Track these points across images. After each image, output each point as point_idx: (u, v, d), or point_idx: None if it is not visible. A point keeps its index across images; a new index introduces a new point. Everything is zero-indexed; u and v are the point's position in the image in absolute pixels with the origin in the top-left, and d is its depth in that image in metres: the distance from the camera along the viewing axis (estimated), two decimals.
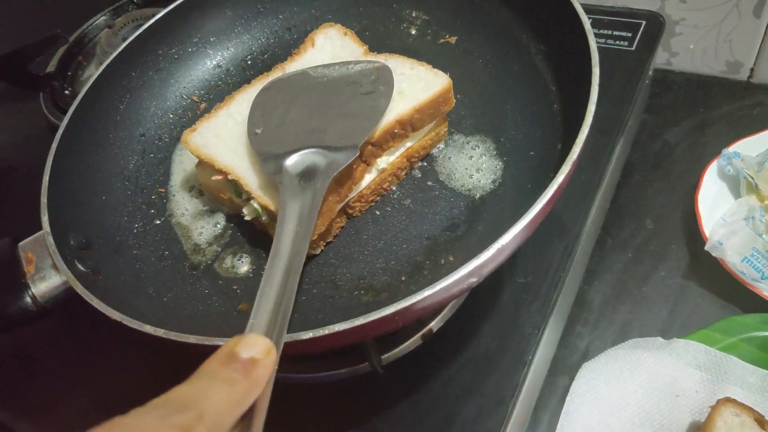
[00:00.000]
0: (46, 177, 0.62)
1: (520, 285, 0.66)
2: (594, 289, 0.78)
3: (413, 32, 0.77)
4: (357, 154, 0.54)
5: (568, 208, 0.71)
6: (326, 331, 0.43)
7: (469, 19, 0.74)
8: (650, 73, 0.86)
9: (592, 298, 0.77)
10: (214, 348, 0.36)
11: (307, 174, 0.53)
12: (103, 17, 1.16)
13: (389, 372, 0.64)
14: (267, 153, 0.56)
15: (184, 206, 0.69)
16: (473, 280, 0.46)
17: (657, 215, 0.83)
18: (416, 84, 0.60)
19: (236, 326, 0.56)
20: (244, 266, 0.62)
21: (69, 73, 1.10)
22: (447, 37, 0.75)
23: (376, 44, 0.71)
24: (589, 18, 0.57)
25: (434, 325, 0.64)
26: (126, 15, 1.14)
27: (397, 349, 0.64)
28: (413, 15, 0.78)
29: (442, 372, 0.63)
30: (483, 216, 0.59)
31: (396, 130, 0.58)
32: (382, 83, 0.59)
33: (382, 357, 0.63)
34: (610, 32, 0.87)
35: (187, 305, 0.60)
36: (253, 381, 0.33)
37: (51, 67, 1.10)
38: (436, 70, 0.62)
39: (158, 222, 0.68)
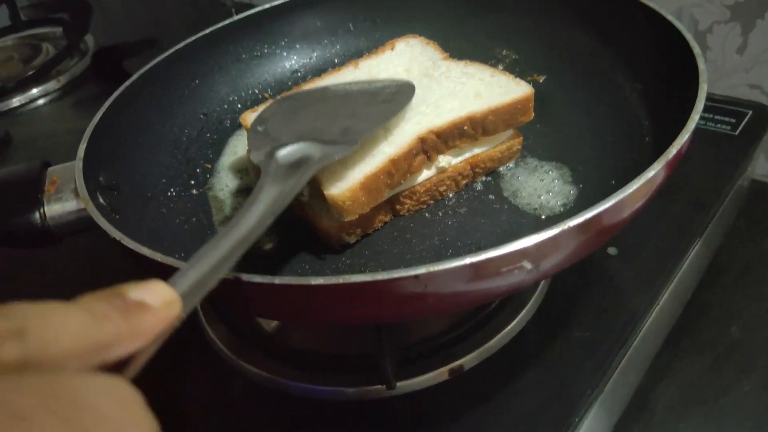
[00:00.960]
0: (100, 113, 0.60)
1: (577, 339, 0.57)
2: (659, 390, 0.67)
3: (501, 68, 0.74)
4: (355, 147, 0.47)
5: (635, 287, 0.62)
6: (337, 281, 0.36)
7: (559, 59, 0.70)
8: (750, 173, 0.79)
9: (655, 399, 0.66)
10: None
11: (297, 164, 0.46)
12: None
13: (404, 402, 0.54)
14: (260, 145, 0.50)
15: (225, 182, 0.65)
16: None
17: (745, 324, 0.72)
18: (495, 89, 0.56)
19: None
20: (267, 244, 0.56)
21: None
22: (535, 75, 0.71)
23: None
24: None
25: (467, 361, 0.55)
26: None
27: (417, 379, 0.55)
28: (503, 53, 0.75)
29: (465, 419, 0.53)
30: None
31: (465, 127, 0.53)
32: (400, 94, 0.55)
33: (399, 384, 0.54)
34: (711, 116, 0.81)
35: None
36: (131, 326, 0.25)
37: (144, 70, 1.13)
38: (518, 79, 0.57)
39: (195, 192, 0.64)
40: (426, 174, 0.54)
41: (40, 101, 1.18)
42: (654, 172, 0.41)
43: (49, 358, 0.21)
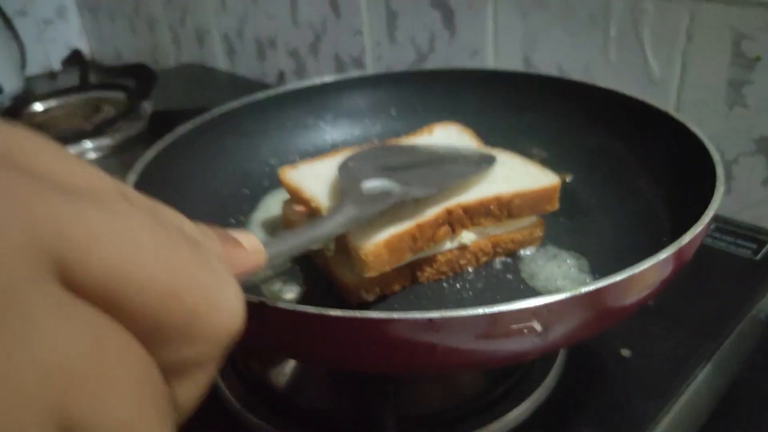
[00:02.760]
0: (148, 156, 0.65)
1: None
2: None
3: None
4: (435, 192, 0.53)
5: (643, 394, 0.61)
6: (354, 314, 0.37)
7: (588, 161, 0.74)
8: None
9: None
10: None
11: (379, 196, 0.52)
12: None
13: None
14: (348, 176, 0.56)
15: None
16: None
17: None
18: (524, 176, 0.59)
19: None
20: (290, 293, 0.58)
21: None
22: (563, 174, 0.74)
23: None
24: (714, 224, 0.56)
25: None
26: None
27: None
28: (533, 151, 0.79)
29: None
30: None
31: (492, 206, 0.56)
32: (482, 162, 0.60)
33: None
34: (734, 239, 0.83)
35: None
36: (225, 251, 0.29)
37: None
38: (546, 170, 0.60)
39: None
40: (448, 245, 0.56)
41: (92, 155, 1.25)
42: (665, 255, 0.42)
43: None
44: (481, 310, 0.36)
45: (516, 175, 0.59)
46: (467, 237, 0.56)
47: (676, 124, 0.63)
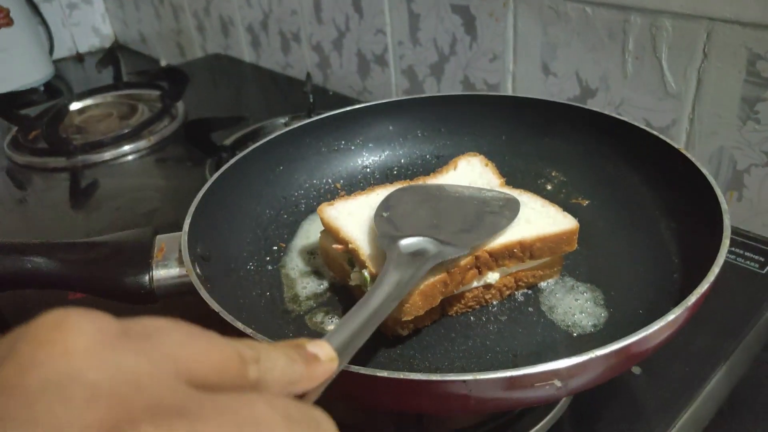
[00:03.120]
0: (202, 192, 0.71)
1: None
2: None
3: (548, 188, 0.83)
4: (466, 253, 0.57)
5: (655, 407, 0.68)
6: (399, 376, 0.44)
7: (603, 188, 0.79)
8: None
9: None
10: None
11: (416, 255, 0.56)
12: (283, 120, 1.33)
13: None
14: (386, 232, 0.60)
15: (296, 263, 0.74)
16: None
17: None
18: (544, 219, 0.64)
19: None
20: (331, 325, 0.65)
21: (237, 152, 1.25)
22: (580, 198, 0.80)
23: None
24: None
25: None
26: (300, 121, 1.31)
27: None
28: (552, 174, 0.84)
29: None
30: (575, 352, 0.58)
31: (515, 250, 0.62)
32: (507, 209, 0.65)
33: None
34: (742, 251, 0.87)
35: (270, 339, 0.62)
36: (309, 372, 0.33)
37: (228, 142, 1.26)
38: (565, 213, 0.65)
39: (270, 268, 0.73)
40: (475, 284, 0.62)
41: (130, 157, 1.31)
42: (674, 315, 0.48)
43: (267, 383, 0.29)
44: (508, 374, 0.43)
45: (537, 217, 0.64)
46: (492, 277, 0.62)
47: (690, 165, 0.68)
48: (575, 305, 0.63)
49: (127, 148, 1.33)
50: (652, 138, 0.74)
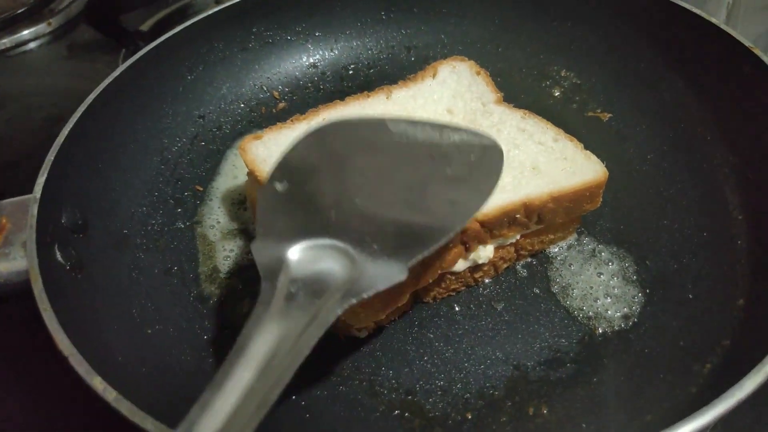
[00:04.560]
0: (66, 129, 0.49)
1: None
2: None
3: (556, 94, 0.62)
4: (401, 280, 0.34)
5: None
6: None
7: (633, 96, 0.58)
8: None
9: None
10: None
11: (314, 284, 0.33)
12: None
13: None
14: (272, 224, 0.36)
15: (217, 216, 0.55)
16: None
17: None
18: (558, 162, 0.45)
19: None
20: None
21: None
22: (598, 111, 0.59)
23: (506, 96, 0.54)
24: None
25: None
26: None
27: None
28: (562, 74, 0.63)
29: None
30: (601, 362, 0.41)
31: (518, 216, 0.42)
32: (481, 170, 0.38)
33: None
34: None
35: (173, 349, 0.44)
36: None
37: (145, 27, 1.00)
38: (588, 152, 0.46)
39: (181, 225, 0.54)
40: (460, 265, 0.44)
41: (31, 45, 1.06)
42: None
43: None
44: None
45: (547, 160, 0.45)
46: (484, 254, 0.43)
47: (759, 65, 0.47)
48: (598, 284, 0.46)
49: (26, 34, 1.06)
50: (696, 20, 0.52)
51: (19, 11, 1.09)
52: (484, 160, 0.38)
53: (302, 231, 0.35)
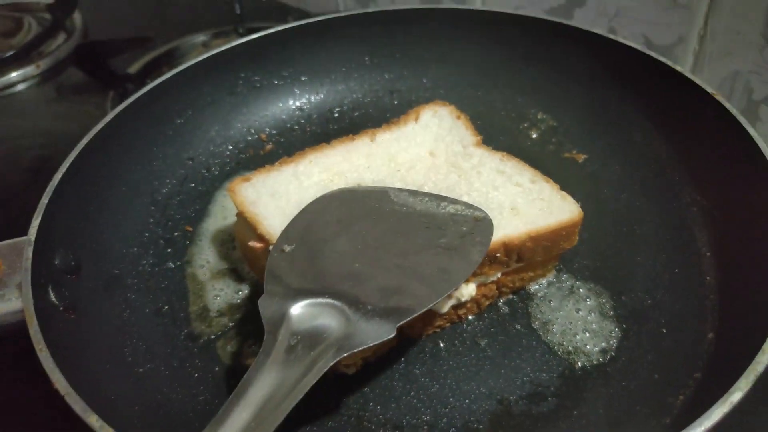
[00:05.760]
0: (59, 174, 0.51)
1: None
2: None
3: (534, 135, 0.65)
4: (390, 336, 0.37)
5: None
6: None
7: (606, 138, 0.61)
8: None
9: None
10: None
11: (312, 337, 0.37)
12: (203, 36, 1.09)
13: None
14: (278, 281, 0.41)
15: (207, 257, 0.56)
16: None
17: None
18: (535, 203, 0.47)
19: None
20: (252, 357, 0.48)
21: (147, 81, 1.02)
22: (574, 152, 0.62)
23: (485, 138, 0.57)
24: None
25: None
26: (226, 39, 1.07)
27: None
28: (539, 116, 0.66)
29: None
30: (582, 395, 0.43)
31: (498, 255, 0.44)
32: (472, 241, 0.42)
33: None
34: None
35: (165, 387, 0.45)
36: None
37: (133, 70, 1.03)
38: (564, 193, 0.48)
39: (171, 265, 0.55)
40: (444, 303, 0.45)
41: (20, 86, 1.07)
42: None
43: None
44: None
45: (525, 201, 0.47)
46: (467, 291, 0.45)
47: (722, 113, 0.50)
48: (577, 320, 0.47)
49: (14, 76, 1.08)
50: (663, 68, 0.55)
51: (8, 54, 1.11)
52: (476, 231, 0.43)
53: (304, 290, 0.40)
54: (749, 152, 0.47)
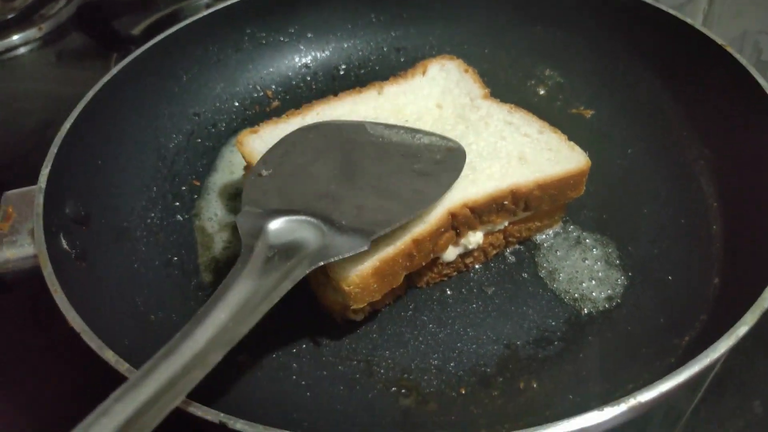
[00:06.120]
0: (68, 124, 0.51)
1: None
2: None
3: (541, 92, 0.64)
4: (364, 249, 0.38)
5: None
6: None
7: (614, 95, 0.61)
8: None
9: None
10: None
11: (288, 250, 0.38)
12: None
13: None
14: (256, 204, 0.42)
15: (214, 209, 0.56)
16: None
17: None
18: (543, 153, 0.47)
19: (224, 382, 0.42)
20: None
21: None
22: (581, 108, 0.62)
23: (493, 95, 0.56)
24: None
25: None
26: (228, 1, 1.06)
27: None
28: (546, 73, 0.65)
29: None
30: (587, 339, 0.44)
31: (506, 202, 0.45)
32: (445, 168, 0.44)
33: None
34: None
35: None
36: None
37: (136, 31, 1.02)
38: (572, 143, 0.48)
39: (180, 218, 0.55)
40: (451, 252, 0.46)
41: (21, 50, 1.06)
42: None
43: None
44: None
45: (533, 150, 0.47)
46: (474, 239, 0.46)
47: (731, 64, 0.50)
48: (583, 268, 0.48)
49: (16, 39, 1.07)
50: (673, 21, 0.55)
51: (9, 16, 1.10)
52: (449, 159, 0.45)
53: (281, 209, 0.41)
54: (759, 103, 0.47)
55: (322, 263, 0.37)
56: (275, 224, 0.40)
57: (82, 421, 0.28)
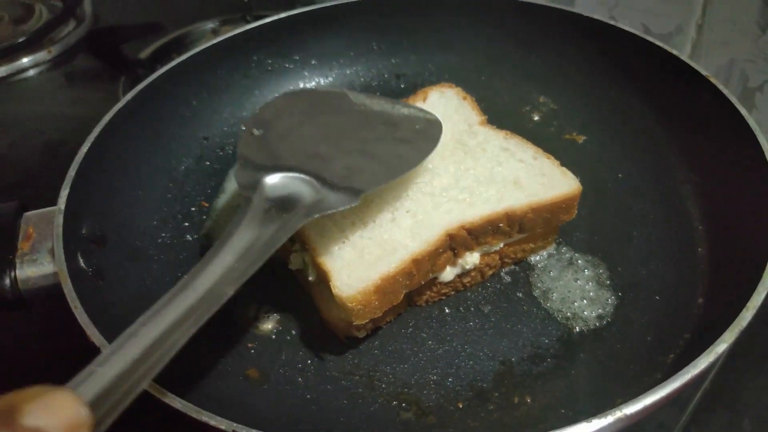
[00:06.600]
0: (84, 148, 0.53)
1: None
2: None
3: (536, 118, 0.67)
4: (355, 204, 0.42)
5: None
6: None
7: (605, 121, 0.64)
8: None
9: None
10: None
11: (285, 203, 0.42)
12: (212, 24, 1.11)
13: None
14: (251, 159, 0.45)
15: (222, 230, 0.58)
16: None
17: (758, 416, 0.68)
18: (537, 178, 0.50)
19: (234, 394, 0.44)
20: (268, 323, 0.51)
21: (158, 66, 1.04)
22: (574, 134, 0.64)
23: (489, 121, 0.59)
24: None
25: None
26: (234, 26, 1.09)
27: None
28: (540, 100, 0.68)
29: None
30: (578, 357, 0.46)
31: (501, 225, 0.47)
32: (424, 137, 0.49)
33: None
34: None
35: (185, 350, 0.48)
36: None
37: (144, 55, 1.05)
38: (564, 168, 0.51)
39: (189, 238, 0.58)
40: (449, 272, 0.48)
41: (31, 72, 1.09)
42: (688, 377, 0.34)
43: None
44: None
45: (528, 175, 0.49)
46: (471, 260, 0.48)
47: (717, 97, 0.53)
48: (575, 288, 0.50)
49: (26, 61, 1.10)
50: (661, 54, 0.58)
51: (20, 40, 1.13)
52: (427, 129, 0.49)
53: (275, 166, 0.44)
54: (741, 131, 0.50)
55: (317, 215, 0.41)
56: (271, 179, 0.43)
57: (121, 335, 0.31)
